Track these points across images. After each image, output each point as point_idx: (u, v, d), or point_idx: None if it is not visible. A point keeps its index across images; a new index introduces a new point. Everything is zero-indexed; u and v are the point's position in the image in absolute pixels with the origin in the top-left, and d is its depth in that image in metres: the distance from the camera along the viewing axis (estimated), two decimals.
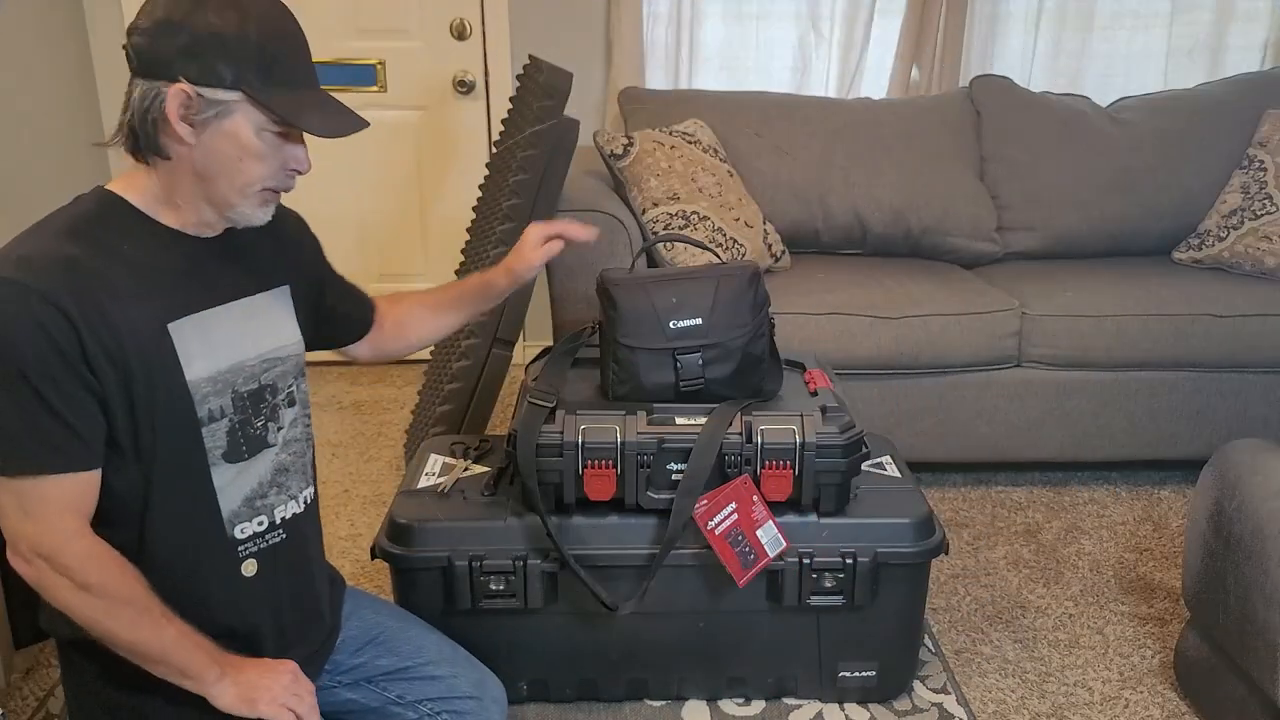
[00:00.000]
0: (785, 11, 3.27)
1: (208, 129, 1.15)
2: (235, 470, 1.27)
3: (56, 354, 1.09)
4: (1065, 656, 1.99)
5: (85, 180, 3.30)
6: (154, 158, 1.18)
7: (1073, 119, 2.94)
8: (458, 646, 1.58)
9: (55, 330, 1.09)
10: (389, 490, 2.62)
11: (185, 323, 1.20)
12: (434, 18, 3.21)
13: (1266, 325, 2.50)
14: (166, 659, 1.18)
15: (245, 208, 1.22)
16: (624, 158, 2.63)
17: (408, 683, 1.47)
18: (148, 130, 1.15)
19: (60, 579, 1.13)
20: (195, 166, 1.18)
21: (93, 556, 1.15)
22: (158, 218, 1.21)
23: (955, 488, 2.67)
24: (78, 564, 1.13)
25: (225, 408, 1.24)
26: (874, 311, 2.48)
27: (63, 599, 1.14)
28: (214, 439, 1.24)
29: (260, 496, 1.30)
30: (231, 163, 1.18)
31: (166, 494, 1.21)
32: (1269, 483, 1.57)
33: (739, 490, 1.67)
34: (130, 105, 1.15)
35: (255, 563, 1.31)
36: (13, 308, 1.08)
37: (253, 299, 1.30)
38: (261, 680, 1.24)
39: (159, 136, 1.16)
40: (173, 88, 1.12)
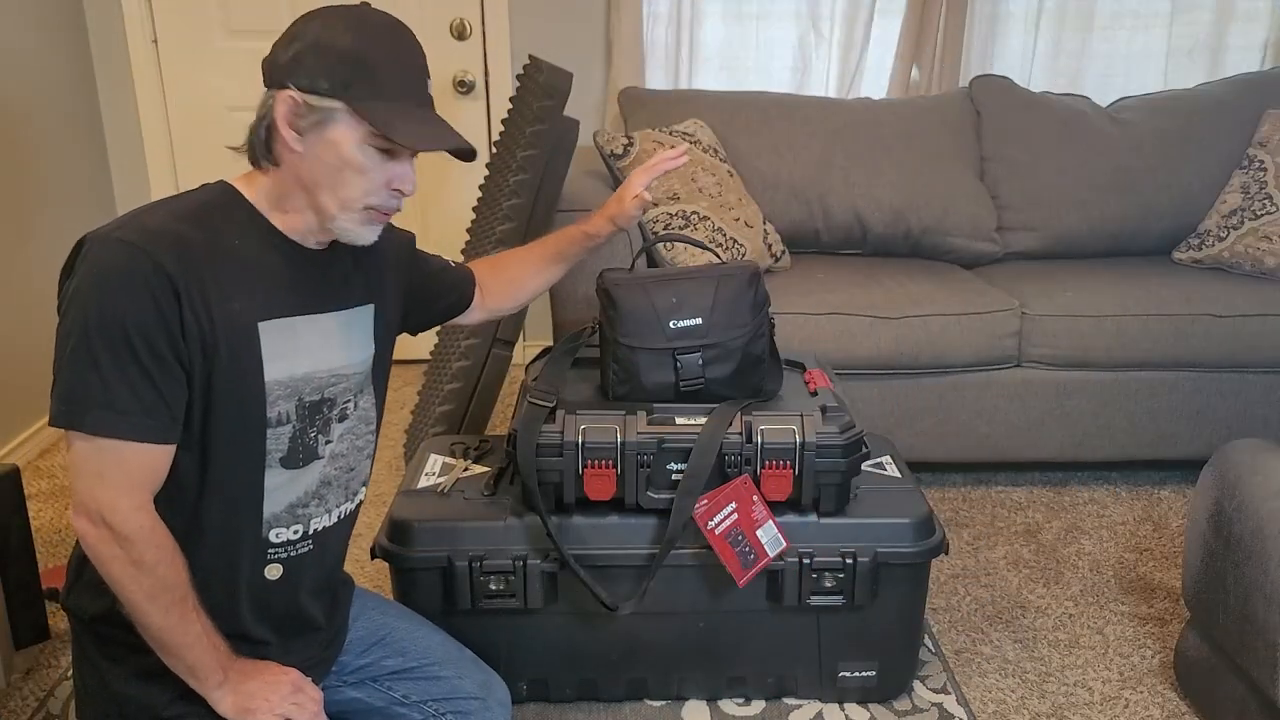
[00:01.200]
0: (785, 11, 3.27)
1: (312, 137, 1.19)
2: (288, 476, 1.28)
3: (160, 321, 1.12)
4: (1065, 656, 1.99)
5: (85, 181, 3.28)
6: (267, 163, 1.23)
7: (1073, 119, 2.94)
8: (463, 648, 1.58)
9: (162, 298, 1.12)
10: (389, 490, 2.62)
11: (274, 324, 1.23)
12: (434, 18, 3.21)
13: (1266, 325, 2.50)
14: (184, 653, 1.19)
15: (347, 223, 1.25)
16: (624, 158, 2.63)
17: (413, 682, 1.47)
18: (263, 136, 1.21)
19: (118, 550, 1.14)
20: (302, 174, 1.21)
21: (155, 534, 1.16)
22: (270, 219, 1.25)
23: (955, 488, 2.67)
24: (140, 539, 1.15)
25: (289, 414, 1.26)
26: (874, 311, 2.48)
27: (114, 570, 1.15)
28: (277, 442, 1.26)
29: (302, 505, 1.31)
30: (333, 173, 1.21)
31: (219, 486, 1.23)
32: (1269, 483, 1.57)
33: (739, 490, 1.67)
34: (259, 111, 1.21)
35: (280, 568, 1.32)
36: (127, 267, 1.11)
37: (338, 314, 1.32)
38: (260, 690, 1.24)
39: (272, 142, 1.21)
40: (282, 94, 1.18)
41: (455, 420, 2.34)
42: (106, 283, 1.11)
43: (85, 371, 1.11)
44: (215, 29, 3.20)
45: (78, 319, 1.11)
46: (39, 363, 2.86)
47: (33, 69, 2.85)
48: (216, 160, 3.49)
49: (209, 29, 3.19)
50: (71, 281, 1.14)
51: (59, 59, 3.00)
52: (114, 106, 3.24)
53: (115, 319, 1.11)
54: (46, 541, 2.37)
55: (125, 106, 3.25)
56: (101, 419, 1.12)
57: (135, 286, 1.11)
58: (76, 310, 1.12)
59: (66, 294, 1.14)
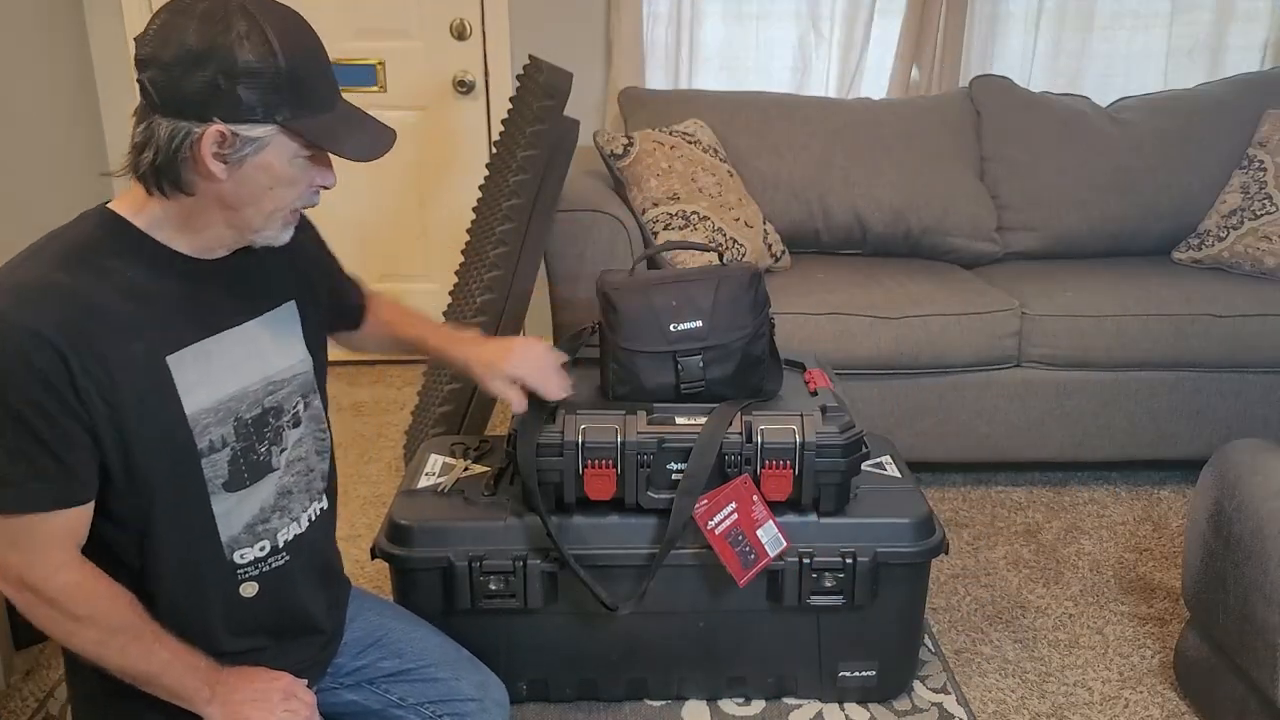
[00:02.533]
0: (785, 11, 3.27)
1: (243, 165, 1.12)
2: (236, 499, 1.25)
3: (44, 388, 1.06)
4: (1065, 656, 1.99)
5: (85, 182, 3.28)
6: (174, 191, 1.13)
7: (1073, 119, 2.94)
8: (460, 648, 1.57)
9: (43, 364, 1.06)
10: (389, 490, 2.62)
11: (185, 354, 1.17)
12: (434, 18, 3.21)
13: (1266, 325, 2.50)
14: (158, 681, 1.18)
15: (270, 230, 1.20)
16: (624, 158, 2.63)
17: (409, 684, 1.47)
18: (173, 168, 1.10)
19: (49, 610, 1.12)
20: (224, 197, 1.14)
21: (81, 587, 1.14)
22: (164, 241, 1.17)
23: (955, 488, 2.67)
24: (65, 596, 1.12)
25: (227, 437, 1.22)
26: (874, 311, 2.48)
27: (55, 630, 1.14)
28: (214, 469, 1.21)
29: (262, 522, 1.28)
30: (262, 192, 1.15)
31: (166, 522, 1.19)
32: (1269, 483, 1.57)
33: (739, 490, 1.67)
34: (152, 143, 1.09)
35: (256, 585, 1.29)
36: (3, 346, 1.05)
37: (257, 321, 1.27)
38: (250, 700, 1.23)
39: (185, 174, 1.11)
40: (208, 129, 1.08)
41: (455, 421, 2.34)
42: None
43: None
44: None
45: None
46: None
47: (33, 69, 2.85)
48: None
49: None
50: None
51: (59, 59, 3.00)
52: (114, 106, 3.24)
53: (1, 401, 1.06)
54: None
55: (125, 107, 3.25)
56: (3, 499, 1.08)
57: (15, 366, 1.05)
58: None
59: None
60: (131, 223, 1.16)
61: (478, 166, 3.14)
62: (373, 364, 3.54)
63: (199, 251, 1.20)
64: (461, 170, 3.34)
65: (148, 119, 1.10)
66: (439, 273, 3.44)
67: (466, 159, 3.34)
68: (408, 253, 3.45)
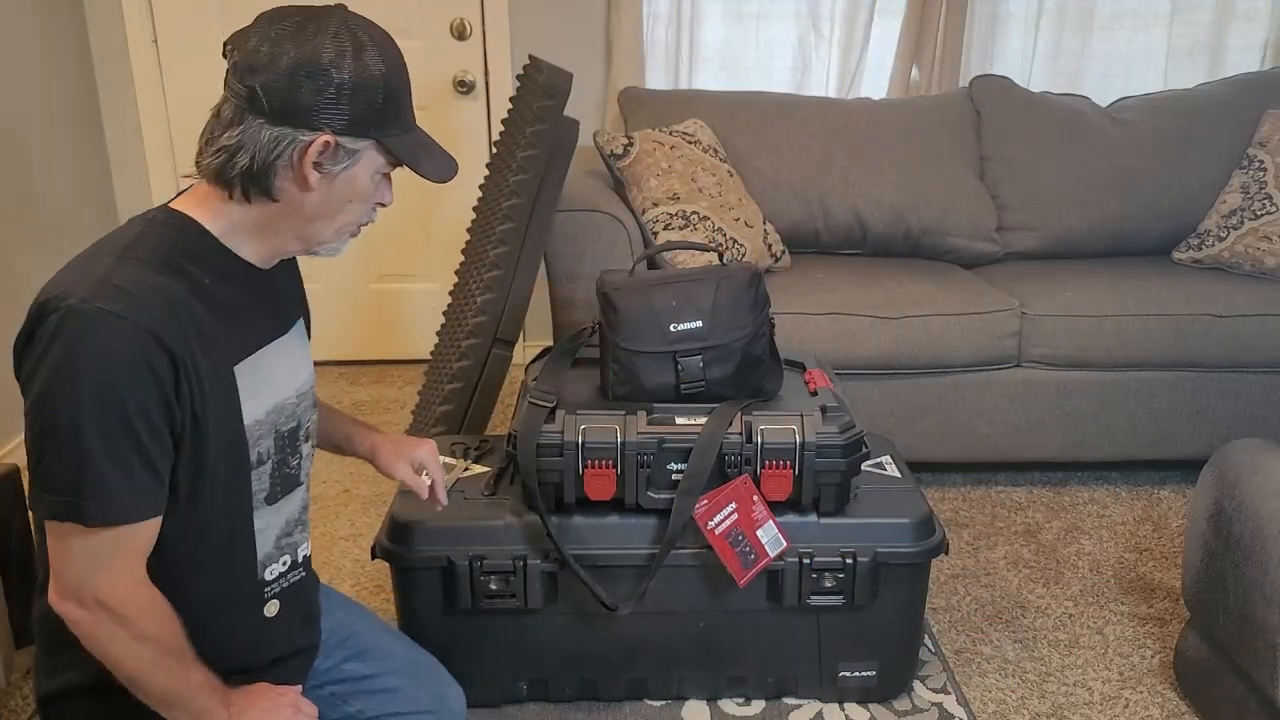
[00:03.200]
0: (785, 11, 3.27)
1: (335, 178, 1.13)
2: (272, 512, 1.24)
3: (159, 396, 1.05)
4: (1065, 656, 1.99)
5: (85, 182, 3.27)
6: (260, 197, 1.13)
7: (1073, 119, 2.94)
8: (423, 656, 1.53)
9: (163, 373, 1.05)
10: (389, 490, 2.62)
11: (246, 364, 1.17)
12: (434, 18, 3.21)
13: (1266, 325, 2.50)
14: (188, 705, 1.15)
15: (335, 244, 1.21)
16: (624, 158, 2.63)
17: (369, 696, 1.44)
18: (268, 173, 1.11)
19: (117, 629, 1.09)
20: (306, 210, 1.15)
21: (153, 605, 1.12)
22: (233, 248, 1.17)
23: (955, 488, 2.67)
24: (138, 614, 1.10)
25: (270, 450, 1.21)
26: (874, 311, 2.48)
27: (114, 649, 1.10)
28: (260, 482, 1.21)
29: (287, 535, 1.29)
30: (342, 205, 1.16)
31: (211, 540, 1.18)
32: (1269, 483, 1.57)
33: (739, 490, 1.67)
34: (250, 147, 1.10)
35: (278, 603, 1.29)
36: (123, 347, 1.03)
37: (288, 334, 1.27)
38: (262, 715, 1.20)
39: (277, 181, 1.12)
40: (317, 139, 1.10)
41: (456, 420, 2.34)
42: (101, 366, 1.02)
43: (79, 462, 1.03)
44: (215, 29, 3.19)
45: (67, 405, 1.02)
46: None
47: (33, 69, 2.85)
48: None
49: (209, 29, 3.19)
50: (46, 359, 1.03)
51: (59, 59, 3.00)
52: (114, 106, 3.24)
53: (114, 405, 1.03)
54: None
55: (125, 106, 3.25)
56: (102, 509, 1.05)
57: (134, 369, 1.03)
58: (63, 394, 1.02)
59: (41, 371, 1.03)
60: (205, 227, 1.15)
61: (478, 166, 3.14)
62: (373, 363, 3.54)
63: (260, 261, 1.20)
64: (462, 170, 3.30)
65: (245, 123, 1.10)
66: (439, 273, 3.44)
67: (466, 159, 3.33)
68: (408, 253, 3.45)
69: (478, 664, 1.75)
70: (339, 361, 3.53)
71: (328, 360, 3.50)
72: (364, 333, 3.52)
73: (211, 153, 1.12)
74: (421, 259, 3.46)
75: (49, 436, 1.04)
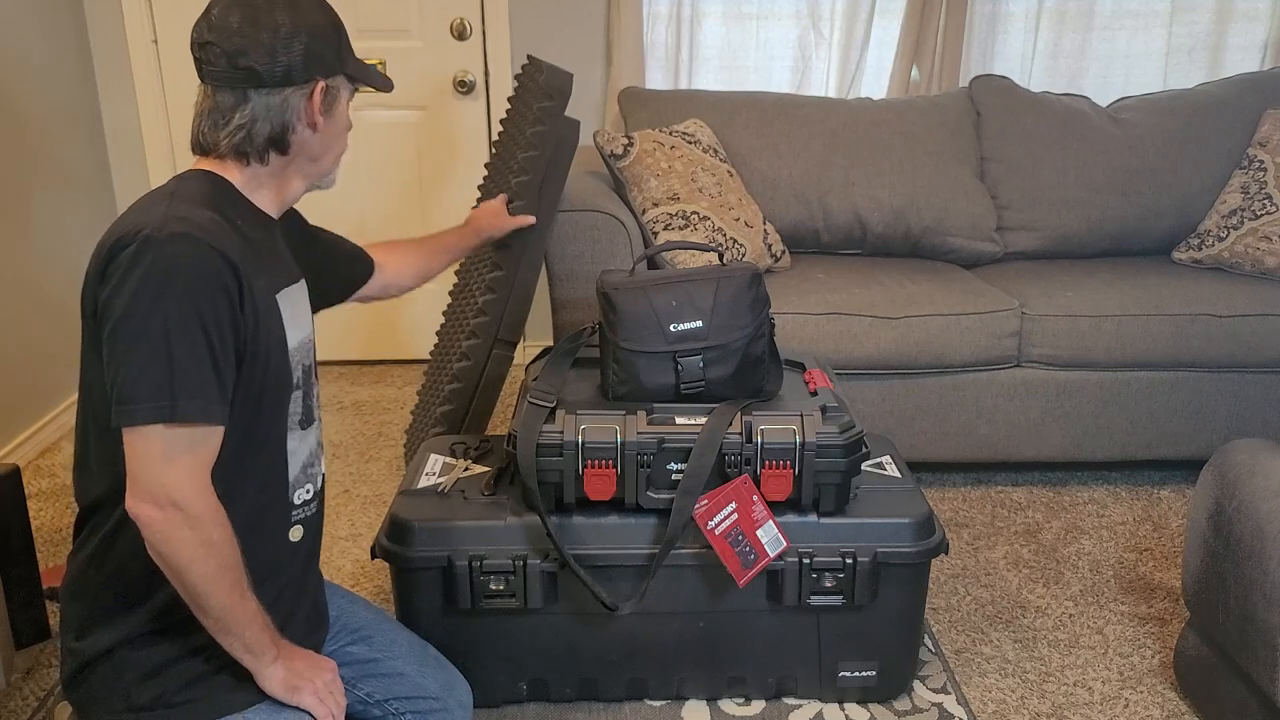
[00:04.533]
0: (785, 11, 3.27)
1: (332, 113, 1.31)
2: (299, 438, 1.34)
3: (229, 310, 1.17)
4: (1065, 656, 1.99)
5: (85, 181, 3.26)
6: (277, 155, 1.29)
7: (1073, 119, 2.94)
8: (428, 646, 1.59)
9: (231, 286, 1.17)
10: (389, 490, 2.62)
11: (283, 295, 1.30)
12: (434, 18, 3.21)
13: (1266, 325, 2.50)
14: (242, 631, 1.21)
15: (333, 173, 1.38)
16: (624, 158, 2.63)
17: (376, 679, 1.48)
18: (284, 133, 1.27)
19: (188, 532, 1.14)
20: (312, 150, 1.31)
21: (218, 513, 1.18)
22: (252, 199, 1.31)
23: (955, 488, 2.67)
24: (207, 516, 1.16)
25: (300, 378, 1.33)
26: (874, 311, 2.48)
27: (184, 553, 1.15)
28: (295, 405, 1.32)
29: (310, 465, 1.38)
30: (336, 136, 1.34)
31: (256, 456, 1.27)
32: (1269, 483, 1.57)
33: (739, 490, 1.67)
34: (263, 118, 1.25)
35: (301, 529, 1.37)
36: (199, 262, 1.15)
37: (299, 284, 1.39)
38: (307, 671, 1.28)
39: (290, 135, 1.28)
40: (316, 87, 1.27)
41: (456, 420, 2.34)
42: (180, 279, 1.13)
43: (169, 367, 1.13)
44: None
45: (156, 317, 1.13)
46: (39, 363, 2.86)
47: (33, 69, 2.85)
48: None
49: None
50: (127, 282, 1.13)
51: (59, 59, 3.00)
52: (114, 106, 3.24)
53: (193, 314, 1.14)
54: (46, 541, 2.37)
55: (125, 106, 3.25)
56: (190, 408, 1.14)
57: (207, 280, 1.15)
58: (150, 308, 1.13)
59: (124, 293, 1.13)
60: (230, 182, 1.29)
61: (478, 166, 3.15)
62: (373, 364, 3.54)
63: (274, 210, 1.34)
64: (462, 170, 3.34)
65: (250, 99, 1.25)
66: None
67: (466, 159, 3.34)
68: None
69: (478, 664, 1.75)
70: (339, 361, 3.53)
71: (328, 360, 3.50)
72: (364, 333, 3.52)
73: (227, 134, 1.26)
74: None
75: (137, 348, 1.13)
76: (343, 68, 1.31)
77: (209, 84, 1.26)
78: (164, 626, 1.25)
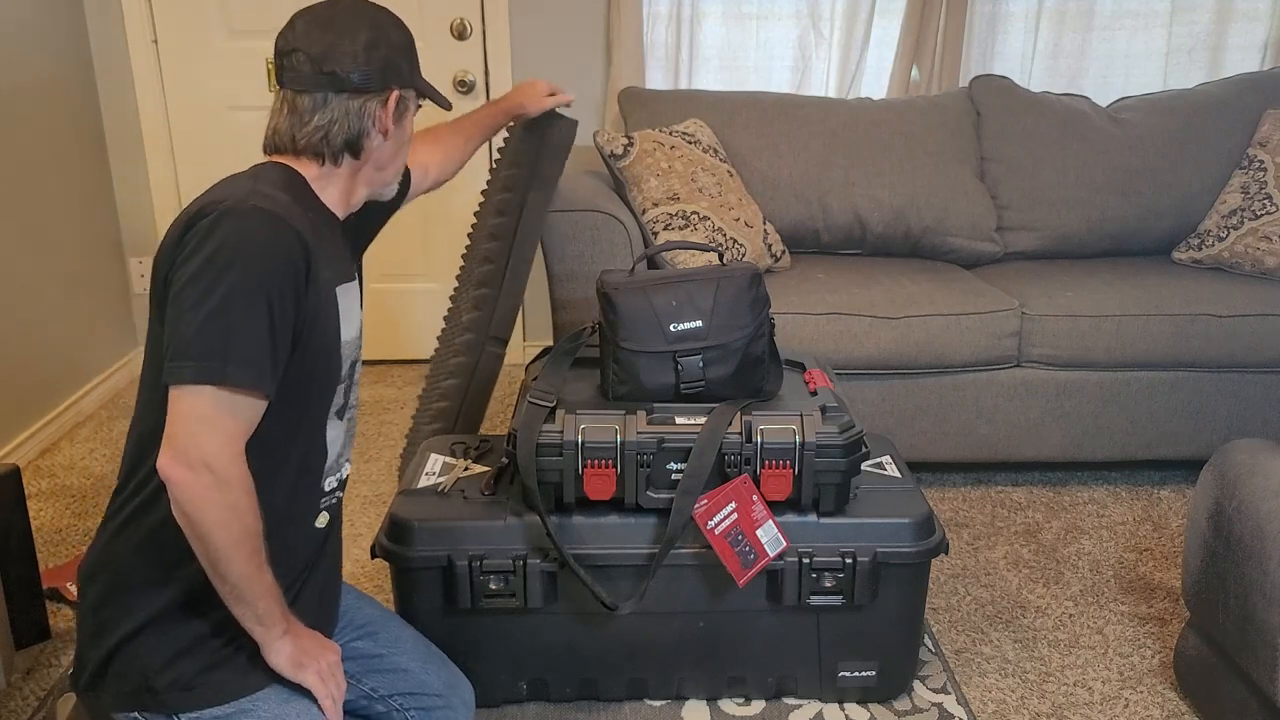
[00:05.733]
0: (785, 11, 3.27)
1: (401, 124, 1.38)
2: (338, 427, 1.38)
3: (294, 286, 1.21)
4: (1065, 656, 1.99)
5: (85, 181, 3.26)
6: (350, 158, 1.34)
7: (1073, 119, 2.94)
8: (432, 645, 1.60)
9: (299, 265, 1.21)
10: (389, 490, 2.62)
11: (341, 290, 1.34)
12: (434, 18, 3.21)
13: (1266, 325, 2.50)
14: (256, 602, 1.22)
15: (394, 182, 1.44)
16: (624, 158, 2.63)
17: (381, 675, 1.49)
18: (360, 136, 1.33)
19: (215, 494, 1.16)
20: (380, 158, 1.37)
21: (247, 481, 1.19)
22: (321, 196, 1.35)
23: (955, 488, 2.67)
24: (237, 483, 1.17)
25: (346, 372, 1.37)
26: (874, 311, 2.48)
27: (210, 515, 1.16)
28: (338, 396, 1.36)
29: (341, 454, 1.42)
30: (400, 147, 1.40)
31: (299, 441, 1.31)
32: (1269, 483, 1.57)
33: (739, 490, 1.67)
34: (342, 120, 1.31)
35: (327, 515, 1.40)
36: (273, 236, 1.19)
37: (355, 282, 1.42)
38: (314, 650, 1.30)
39: (364, 140, 1.33)
40: (390, 95, 1.34)
41: (451, 416, 2.34)
42: (255, 250, 1.17)
43: (228, 330, 1.16)
44: (215, 29, 3.20)
45: (223, 281, 1.16)
46: (40, 364, 2.86)
47: (33, 69, 2.85)
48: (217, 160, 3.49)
49: (209, 29, 3.19)
50: (203, 247, 1.17)
51: (59, 59, 3.00)
52: (114, 106, 3.24)
53: (260, 284, 1.17)
54: (46, 541, 2.37)
55: (125, 106, 3.25)
56: (241, 372, 1.16)
57: (279, 255, 1.19)
58: (218, 273, 1.16)
59: (198, 257, 1.17)
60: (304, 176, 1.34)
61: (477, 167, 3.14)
62: (373, 364, 3.54)
63: (340, 210, 1.39)
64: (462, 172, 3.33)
65: (330, 103, 1.31)
66: (439, 273, 3.44)
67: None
68: (408, 253, 3.45)
69: (478, 664, 1.75)
70: None
71: None
72: (364, 332, 3.52)
73: (305, 134, 1.31)
74: (421, 259, 3.46)
75: (199, 309, 1.16)
76: (414, 81, 1.38)
77: (290, 89, 1.31)
78: (185, 609, 1.27)
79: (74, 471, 2.74)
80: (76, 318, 3.04)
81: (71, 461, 2.80)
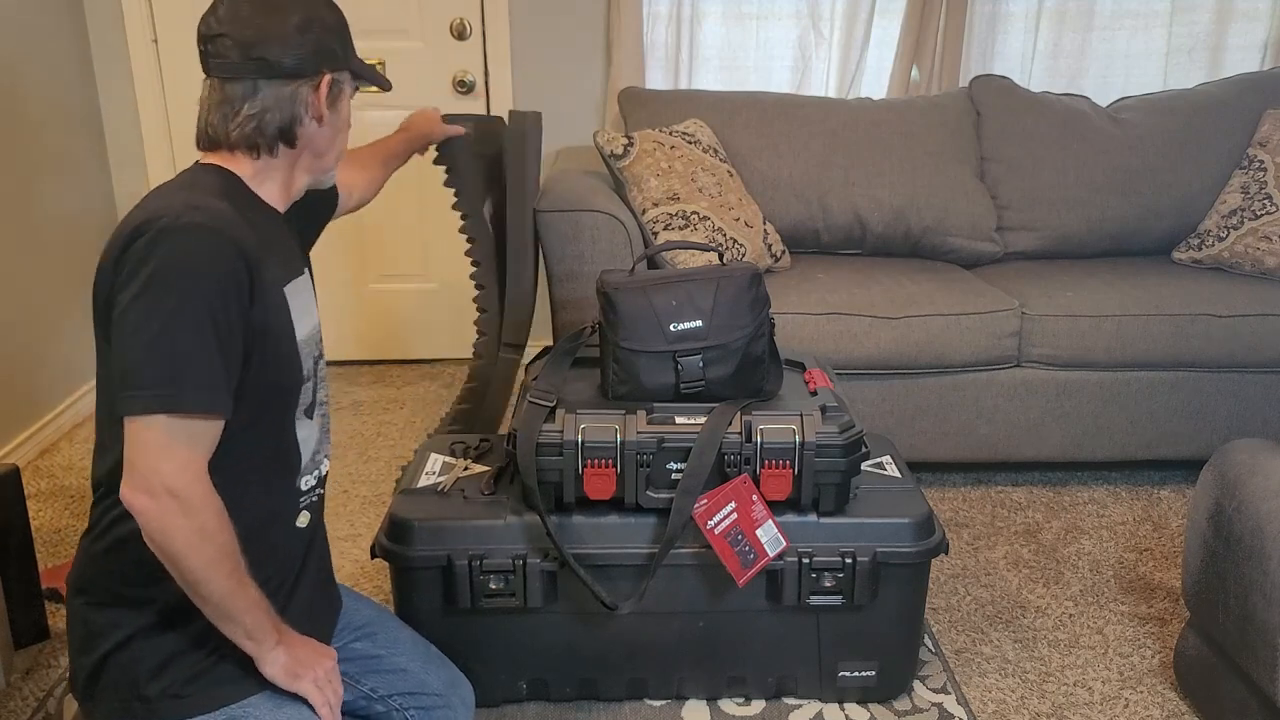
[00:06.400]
0: (785, 11, 3.27)
1: (336, 108, 1.33)
2: (307, 427, 1.36)
3: (238, 301, 1.17)
4: (1065, 656, 1.99)
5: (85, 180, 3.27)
6: (284, 148, 1.29)
7: (1073, 119, 2.94)
8: (431, 646, 1.59)
9: (241, 278, 1.17)
10: (389, 490, 2.62)
11: (290, 288, 1.31)
12: (434, 18, 3.21)
13: (1266, 325, 2.50)
14: (243, 617, 1.21)
15: (334, 168, 1.39)
16: (624, 158, 2.63)
17: (379, 675, 1.48)
18: (292, 124, 1.28)
19: (183, 520, 1.14)
20: (317, 145, 1.32)
21: (213, 500, 1.18)
22: (260, 193, 1.31)
23: (955, 488, 2.67)
24: (203, 506, 1.16)
25: (309, 369, 1.35)
26: (874, 311, 2.48)
27: (179, 541, 1.14)
28: (305, 394, 1.34)
29: (317, 452, 1.40)
30: (339, 132, 1.35)
31: (268, 445, 1.29)
32: (1269, 483, 1.57)
33: (738, 490, 1.67)
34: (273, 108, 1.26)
35: (308, 514, 1.38)
36: (211, 250, 1.15)
37: (304, 276, 1.39)
38: (308, 658, 1.28)
39: (297, 127, 1.29)
40: (322, 79, 1.29)
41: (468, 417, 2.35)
42: (195, 268, 1.14)
43: (175, 356, 1.13)
44: None
45: (165, 305, 1.13)
46: (39, 363, 2.86)
47: (33, 68, 2.85)
48: None
49: None
50: (143, 268, 1.14)
51: (59, 58, 3.00)
52: (114, 106, 3.24)
53: (204, 303, 1.14)
54: (46, 541, 2.37)
55: (125, 106, 3.25)
56: (195, 398, 1.14)
57: (220, 270, 1.15)
58: (161, 295, 1.13)
59: (138, 279, 1.13)
60: (238, 174, 1.30)
61: None
62: (373, 364, 3.54)
63: (279, 204, 1.34)
64: None
65: (260, 90, 1.26)
66: (439, 273, 3.44)
67: None
68: (408, 253, 3.45)
69: (478, 664, 1.75)
70: (338, 361, 3.53)
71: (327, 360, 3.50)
72: (363, 333, 3.52)
73: (237, 125, 1.26)
74: (421, 259, 3.45)
75: (144, 336, 1.13)
76: (348, 64, 1.33)
77: (217, 76, 1.26)
78: (172, 618, 1.25)
79: (73, 472, 2.74)
80: (76, 318, 3.04)
81: (70, 462, 2.80)
